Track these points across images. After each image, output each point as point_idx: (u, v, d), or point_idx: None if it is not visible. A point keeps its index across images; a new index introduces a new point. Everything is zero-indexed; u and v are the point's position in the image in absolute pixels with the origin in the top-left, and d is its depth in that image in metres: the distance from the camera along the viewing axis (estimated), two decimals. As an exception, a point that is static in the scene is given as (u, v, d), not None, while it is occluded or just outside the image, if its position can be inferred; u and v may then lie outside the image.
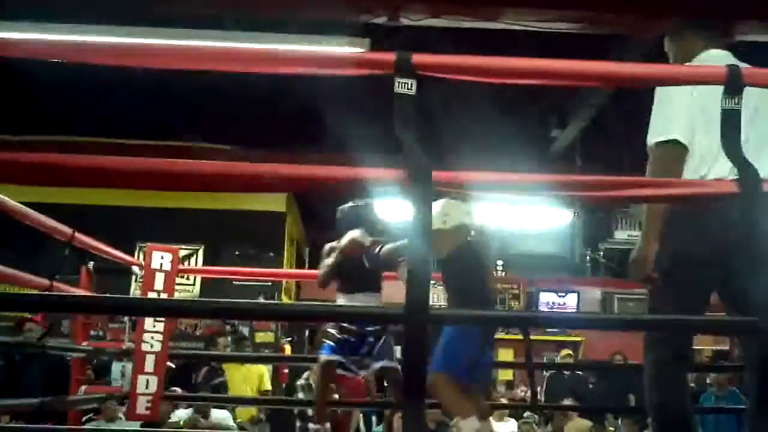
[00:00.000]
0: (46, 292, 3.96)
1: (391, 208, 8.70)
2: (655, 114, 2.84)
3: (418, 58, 2.03)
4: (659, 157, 2.75)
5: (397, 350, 4.17)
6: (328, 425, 7.17)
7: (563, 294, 12.37)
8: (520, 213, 9.35)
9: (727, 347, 12.19)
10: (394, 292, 2.43)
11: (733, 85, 2.23)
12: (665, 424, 2.75)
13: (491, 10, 4.35)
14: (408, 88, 2.00)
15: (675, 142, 2.70)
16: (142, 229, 8.31)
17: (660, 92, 2.80)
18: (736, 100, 2.21)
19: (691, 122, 2.69)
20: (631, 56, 5.16)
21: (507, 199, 2.36)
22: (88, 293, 4.94)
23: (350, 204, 4.39)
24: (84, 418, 5.47)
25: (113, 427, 5.76)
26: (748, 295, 2.03)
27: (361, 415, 8.49)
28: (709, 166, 2.70)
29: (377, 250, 4.13)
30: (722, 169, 2.61)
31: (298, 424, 7.40)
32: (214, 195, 8.45)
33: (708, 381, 8.72)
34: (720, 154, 2.35)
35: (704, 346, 12.65)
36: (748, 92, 2.26)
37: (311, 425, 7.29)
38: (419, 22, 4.65)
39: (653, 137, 2.79)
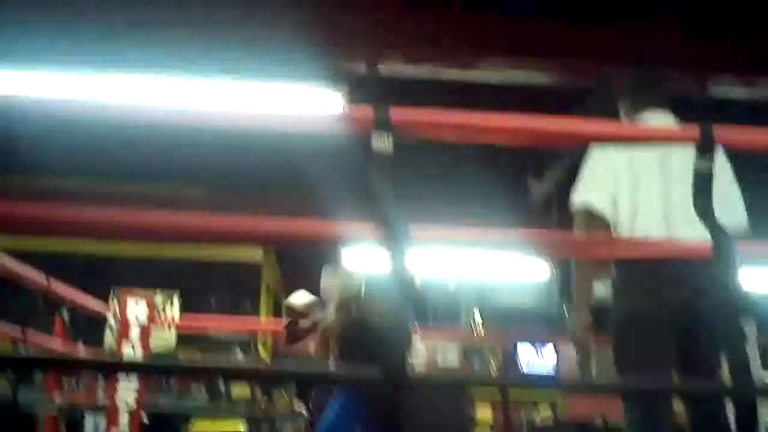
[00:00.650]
0: (17, 354, 3.90)
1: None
2: (582, 173, 2.99)
3: (396, 114, 2.03)
4: (579, 219, 2.86)
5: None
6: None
7: (541, 345, 12.32)
8: (498, 265, 9.35)
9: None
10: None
11: (706, 144, 2.25)
12: None
13: (466, 59, 4.40)
14: (386, 145, 2.01)
15: (586, 210, 2.82)
16: (118, 276, 8.22)
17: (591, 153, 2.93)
18: (709, 161, 2.21)
19: (614, 186, 2.77)
20: (605, 107, 5.21)
21: (485, 253, 2.38)
22: (63, 343, 4.88)
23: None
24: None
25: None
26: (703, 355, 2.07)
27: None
28: (635, 227, 2.72)
29: None
30: (650, 226, 2.67)
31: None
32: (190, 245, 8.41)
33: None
34: (646, 211, 2.57)
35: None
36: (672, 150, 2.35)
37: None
38: (397, 72, 4.69)
39: (574, 198, 2.92)
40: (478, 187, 7.36)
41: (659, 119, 2.90)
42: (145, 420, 6.76)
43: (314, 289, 5.21)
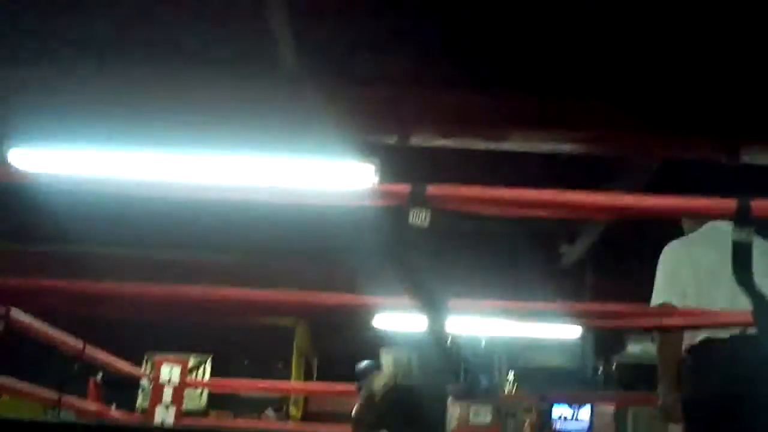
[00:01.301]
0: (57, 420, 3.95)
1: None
2: (656, 279, 3.17)
3: (432, 190, 2.06)
4: None
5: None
6: None
7: (576, 408, 12.13)
8: (531, 326, 9.29)
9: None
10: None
11: (743, 216, 2.27)
12: None
13: (498, 133, 4.45)
14: (422, 220, 2.04)
15: (664, 305, 2.94)
16: (151, 340, 8.27)
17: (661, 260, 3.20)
18: (747, 233, 2.24)
19: (683, 287, 2.97)
20: (637, 180, 5.22)
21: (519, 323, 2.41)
22: (97, 406, 4.92)
23: None
24: None
25: None
26: None
27: None
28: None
29: None
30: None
31: None
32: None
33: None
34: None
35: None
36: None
37: None
38: (429, 143, 4.74)
39: (654, 300, 3.03)
40: (510, 252, 7.36)
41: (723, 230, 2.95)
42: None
43: (346, 352, 5.23)
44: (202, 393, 9.41)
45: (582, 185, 2.45)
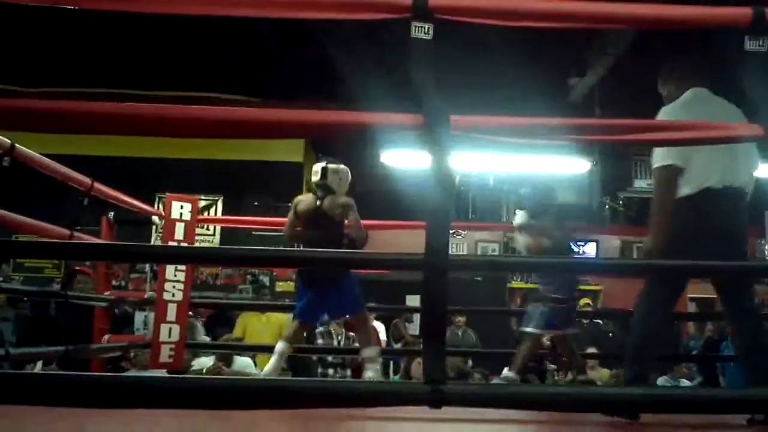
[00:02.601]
0: (70, 241, 4.01)
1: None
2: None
3: (434, 1, 2.00)
4: (660, 178, 3.28)
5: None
6: (348, 371, 7.28)
7: (582, 242, 12.32)
8: (538, 160, 9.30)
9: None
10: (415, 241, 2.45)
11: (757, 26, 2.21)
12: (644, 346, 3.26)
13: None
14: (425, 33, 1.98)
15: (671, 166, 3.22)
16: (161, 181, 8.35)
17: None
18: (761, 42, 2.19)
19: (683, 149, 3.19)
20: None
21: (524, 144, 2.38)
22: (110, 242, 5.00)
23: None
24: (108, 367, 5.55)
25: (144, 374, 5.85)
26: None
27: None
28: (707, 177, 3.20)
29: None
30: (719, 179, 3.18)
31: (319, 370, 7.47)
32: (232, 146, 8.47)
33: (728, 329, 8.72)
34: (715, 168, 3.15)
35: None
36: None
37: (330, 371, 7.38)
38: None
39: (655, 163, 3.30)
40: (518, 85, 7.25)
41: (703, 97, 3.43)
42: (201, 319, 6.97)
43: (357, 191, 5.31)
44: (214, 232, 9.57)
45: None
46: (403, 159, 8.90)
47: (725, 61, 2.84)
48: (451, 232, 2.30)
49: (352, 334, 7.53)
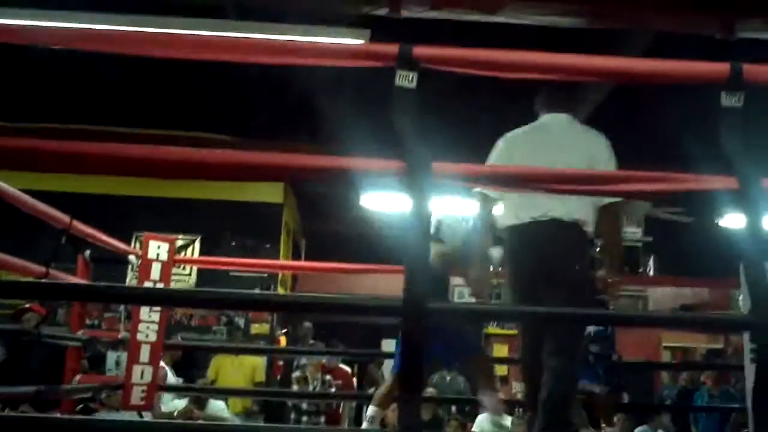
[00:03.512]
0: (45, 280, 3.96)
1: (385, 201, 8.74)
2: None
3: (419, 50, 2.02)
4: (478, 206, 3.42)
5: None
6: (322, 418, 7.21)
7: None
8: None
9: (721, 345, 12.22)
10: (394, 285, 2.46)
11: (734, 82, 2.25)
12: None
13: (492, 3, 4.35)
14: (409, 81, 2.00)
15: (484, 195, 3.35)
16: (139, 219, 8.29)
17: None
18: (737, 98, 2.22)
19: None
20: (633, 53, 5.15)
21: (509, 190, 2.44)
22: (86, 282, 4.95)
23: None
24: (78, 408, 5.47)
25: (115, 417, 5.76)
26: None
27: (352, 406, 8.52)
28: (523, 212, 3.25)
29: None
30: (528, 214, 3.22)
31: (292, 416, 7.40)
32: (211, 185, 8.45)
33: (702, 379, 8.75)
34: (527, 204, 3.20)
35: (698, 344, 12.68)
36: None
37: (305, 418, 7.31)
38: (420, 15, 4.63)
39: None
40: (500, 129, 7.31)
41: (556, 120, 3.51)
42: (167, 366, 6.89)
43: (334, 234, 5.28)
44: (191, 273, 9.50)
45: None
46: (383, 202, 8.92)
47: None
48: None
49: (328, 378, 7.49)
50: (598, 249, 3.71)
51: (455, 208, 4.66)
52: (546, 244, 3.20)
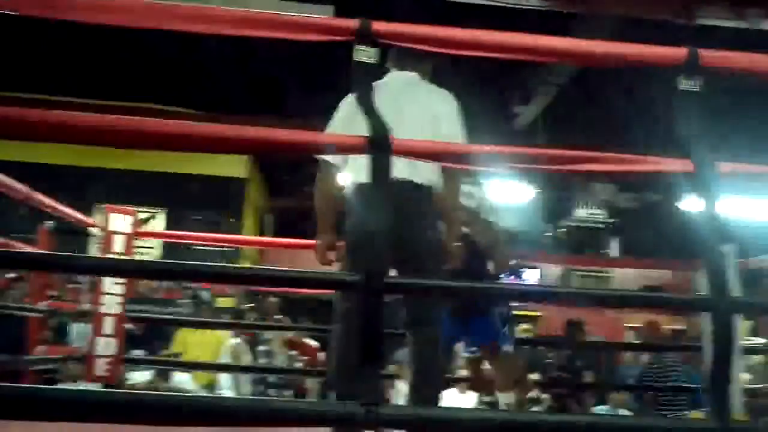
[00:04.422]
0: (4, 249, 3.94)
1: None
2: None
3: (378, 26, 2.04)
4: (318, 174, 3.18)
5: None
6: (291, 392, 7.24)
7: (524, 269, 12.49)
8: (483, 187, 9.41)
9: (684, 327, 12.42)
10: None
11: (691, 66, 2.29)
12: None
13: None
14: (368, 56, 2.02)
15: (325, 162, 3.12)
16: (101, 192, 8.24)
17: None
18: (694, 82, 2.27)
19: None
20: (593, 37, 5.20)
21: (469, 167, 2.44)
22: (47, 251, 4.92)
23: None
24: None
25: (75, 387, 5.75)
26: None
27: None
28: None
29: None
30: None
31: (260, 389, 7.42)
32: (175, 158, 8.40)
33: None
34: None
35: (662, 325, 12.87)
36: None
37: (272, 391, 7.33)
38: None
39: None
40: (463, 111, 7.35)
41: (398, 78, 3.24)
42: (137, 331, 6.87)
43: (301, 211, 5.27)
44: (154, 247, 9.47)
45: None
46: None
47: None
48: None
49: (293, 352, 7.51)
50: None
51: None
52: (402, 206, 2.88)
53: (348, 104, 3.02)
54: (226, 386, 7.08)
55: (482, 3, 4.58)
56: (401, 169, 2.79)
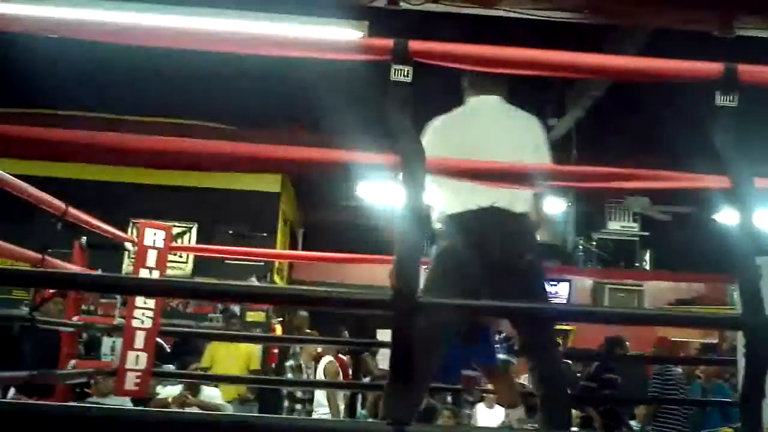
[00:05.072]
0: (41, 268, 3.97)
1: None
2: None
3: (415, 45, 2.03)
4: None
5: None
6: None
7: (555, 282, 12.40)
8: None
9: (715, 341, 12.27)
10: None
11: (728, 81, 2.26)
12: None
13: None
14: (404, 76, 2.01)
15: None
16: (136, 206, 8.31)
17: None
18: (731, 98, 2.23)
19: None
20: (627, 49, 5.16)
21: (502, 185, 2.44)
22: (82, 269, 4.95)
23: None
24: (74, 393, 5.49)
25: (105, 402, 5.78)
26: None
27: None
28: (466, 197, 3.06)
29: None
30: (477, 200, 3.03)
31: (286, 404, 7.43)
32: (208, 174, 8.45)
33: (696, 373, 8.79)
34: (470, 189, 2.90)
35: (693, 339, 12.72)
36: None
37: (298, 406, 7.34)
38: (418, 7, 4.64)
39: None
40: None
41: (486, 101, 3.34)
42: (167, 348, 6.93)
43: (331, 224, 5.28)
44: (187, 260, 9.53)
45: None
46: (379, 192, 8.94)
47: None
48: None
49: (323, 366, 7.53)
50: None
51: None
52: (499, 235, 3.05)
53: (433, 130, 3.16)
54: (323, 403, 7.21)
55: (518, 16, 4.56)
56: (500, 196, 2.96)
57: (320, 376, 7.27)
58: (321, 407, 7.32)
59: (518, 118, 3.26)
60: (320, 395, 7.42)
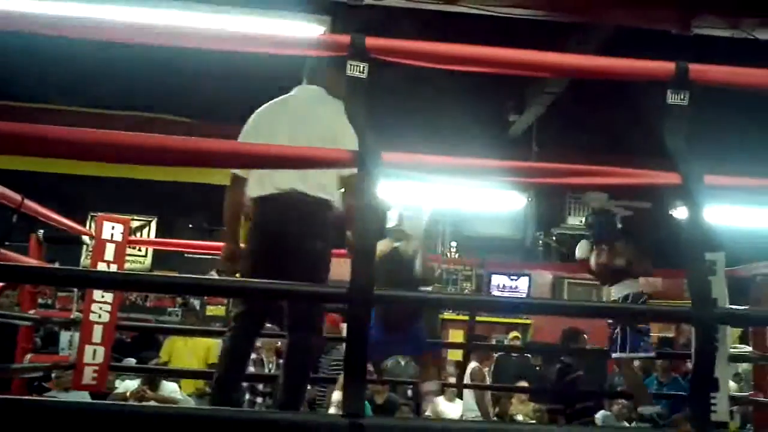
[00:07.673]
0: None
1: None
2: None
3: (372, 41, 2.04)
4: (229, 186, 3.41)
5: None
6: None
7: (515, 277, 12.49)
8: (474, 195, 9.41)
9: (672, 334, 12.44)
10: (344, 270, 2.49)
11: (679, 80, 2.30)
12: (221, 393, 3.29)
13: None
14: (360, 71, 2.02)
15: (236, 175, 3.36)
16: (94, 199, 8.22)
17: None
18: (682, 96, 2.28)
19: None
20: (589, 46, 5.22)
21: (460, 182, 2.45)
22: (37, 262, 4.90)
23: None
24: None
25: (66, 397, 5.72)
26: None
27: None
28: (268, 181, 3.20)
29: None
30: (275, 183, 3.18)
31: (247, 397, 7.40)
32: (168, 167, 8.39)
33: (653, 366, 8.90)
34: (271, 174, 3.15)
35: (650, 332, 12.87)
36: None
37: (260, 399, 7.32)
38: (381, 2, 4.65)
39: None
40: (458, 123, 7.38)
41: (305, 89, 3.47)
42: (127, 339, 6.87)
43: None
44: (146, 254, 9.45)
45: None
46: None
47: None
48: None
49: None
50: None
51: (413, 199, 4.70)
52: (293, 217, 3.19)
53: (257, 115, 3.34)
54: (471, 407, 7.58)
55: (479, 13, 4.59)
56: (292, 180, 3.10)
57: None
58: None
59: (331, 108, 3.20)
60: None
